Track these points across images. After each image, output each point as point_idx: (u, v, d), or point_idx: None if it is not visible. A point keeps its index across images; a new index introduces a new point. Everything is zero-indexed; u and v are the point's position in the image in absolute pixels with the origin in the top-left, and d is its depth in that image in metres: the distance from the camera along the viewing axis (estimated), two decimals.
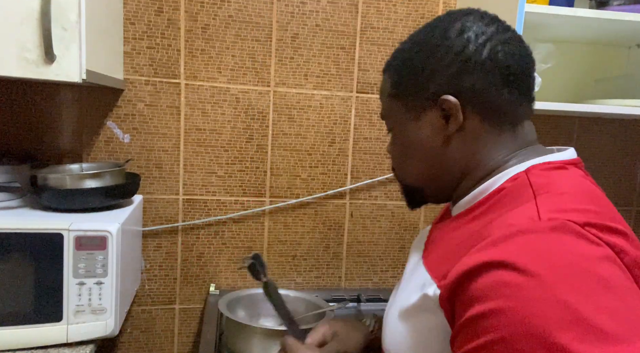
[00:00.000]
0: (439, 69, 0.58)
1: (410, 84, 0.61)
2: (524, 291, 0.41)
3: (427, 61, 0.59)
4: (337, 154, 1.34)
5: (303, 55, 1.29)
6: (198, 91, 1.24)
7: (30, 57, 0.83)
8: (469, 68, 0.56)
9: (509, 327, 0.41)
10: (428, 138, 0.61)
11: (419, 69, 0.60)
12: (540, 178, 0.53)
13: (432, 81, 0.59)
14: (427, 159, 0.62)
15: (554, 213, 0.47)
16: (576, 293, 0.40)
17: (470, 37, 0.57)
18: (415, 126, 0.62)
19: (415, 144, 0.62)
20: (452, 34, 0.58)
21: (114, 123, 1.21)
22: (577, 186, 0.52)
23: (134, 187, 1.10)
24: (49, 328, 0.89)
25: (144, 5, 1.19)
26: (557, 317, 0.40)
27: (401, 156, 0.66)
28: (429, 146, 0.61)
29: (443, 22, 0.60)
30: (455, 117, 0.57)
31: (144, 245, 1.27)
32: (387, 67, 0.66)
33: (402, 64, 0.63)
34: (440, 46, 0.58)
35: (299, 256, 1.37)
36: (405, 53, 0.62)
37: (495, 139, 0.58)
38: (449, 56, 0.57)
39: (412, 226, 1.42)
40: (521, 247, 0.44)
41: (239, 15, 1.24)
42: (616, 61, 1.36)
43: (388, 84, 0.65)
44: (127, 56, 1.20)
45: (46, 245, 0.87)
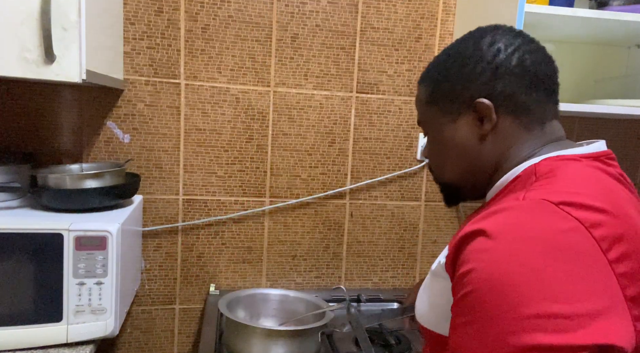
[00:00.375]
0: (473, 77, 0.65)
1: (446, 91, 0.68)
2: (491, 254, 0.50)
3: (462, 70, 0.66)
4: (337, 154, 1.34)
5: (303, 55, 1.29)
6: (198, 91, 1.24)
7: (30, 57, 0.83)
8: (500, 74, 0.63)
9: (477, 282, 0.50)
10: (464, 138, 0.67)
11: (455, 77, 0.66)
12: (545, 168, 0.59)
13: (467, 87, 0.65)
14: (463, 158, 0.68)
15: (537, 194, 0.54)
16: (535, 257, 0.48)
17: (500, 47, 0.64)
18: (452, 128, 0.68)
19: (452, 145, 0.68)
20: (483, 46, 0.65)
21: (114, 123, 1.21)
22: (575, 175, 0.57)
23: (134, 187, 1.10)
24: (49, 328, 0.89)
25: (144, 5, 1.19)
26: (516, 274, 0.47)
27: (439, 157, 0.72)
28: (465, 145, 0.67)
29: (474, 36, 0.67)
30: (489, 118, 0.64)
31: (144, 245, 1.27)
32: (423, 79, 0.73)
33: (438, 74, 0.69)
34: (473, 56, 0.65)
35: (299, 256, 1.37)
36: (441, 65, 0.69)
37: (524, 137, 0.65)
38: (482, 64, 0.64)
39: (412, 226, 1.42)
40: (498, 219, 0.53)
41: (239, 15, 1.24)
42: (616, 61, 1.36)
43: (425, 94, 0.71)
44: (127, 56, 1.20)
45: (46, 245, 0.87)
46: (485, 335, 0.48)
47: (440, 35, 1.35)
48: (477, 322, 0.49)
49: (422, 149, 0.78)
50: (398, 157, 1.38)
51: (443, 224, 1.43)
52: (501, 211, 0.54)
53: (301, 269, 1.38)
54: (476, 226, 0.54)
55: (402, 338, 1.12)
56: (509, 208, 0.54)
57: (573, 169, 0.58)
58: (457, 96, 0.66)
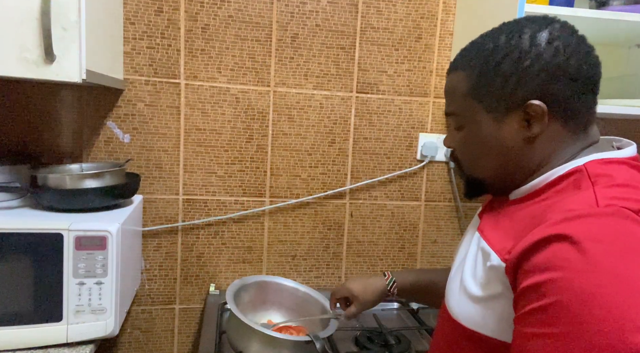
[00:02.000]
0: (528, 75, 0.61)
1: (496, 87, 0.63)
2: (580, 263, 0.48)
3: (516, 66, 0.62)
4: (337, 154, 1.34)
5: (303, 55, 1.29)
6: (198, 91, 1.24)
7: (30, 57, 0.83)
8: (558, 76, 0.61)
9: (564, 293, 0.47)
10: (507, 139, 0.64)
11: (508, 73, 0.62)
12: (598, 170, 0.59)
13: (521, 86, 0.62)
14: (503, 158, 0.65)
15: (611, 200, 0.53)
16: (626, 266, 0.47)
17: (559, 47, 0.61)
18: (495, 126, 0.65)
19: (493, 144, 0.65)
20: (541, 42, 0.61)
21: (114, 123, 1.21)
22: (631, 179, 0.58)
23: (134, 187, 1.10)
24: (49, 328, 0.89)
25: (144, 5, 1.19)
26: (611, 286, 0.46)
27: (473, 153, 0.69)
28: (507, 146, 0.64)
29: (527, 27, 0.62)
30: (540, 121, 0.62)
31: (144, 245, 1.27)
32: (462, 66, 0.67)
33: (486, 65, 0.64)
34: (529, 52, 0.61)
35: (299, 256, 1.37)
36: (488, 55, 0.64)
37: (569, 141, 0.63)
38: (539, 63, 0.61)
39: (412, 226, 1.42)
40: (579, 226, 0.50)
41: (239, 15, 1.24)
42: (616, 61, 1.36)
43: (465, 85, 0.66)
44: (127, 56, 1.20)
45: (46, 245, 0.87)
46: (577, 349, 0.46)
47: (440, 35, 1.35)
48: (566, 336, 0.47)
49: (446, 138, 0.75)
50: (398, 157, 1.38)
51: (443, 224, 1.43)
52: (577, 218, 0.51)
53: (301, 269, 1.38)
54: (555, 230, 0.51)
55: (402, 338, 1.12)
56: (585, 214, 0.52)
57: (625, 173, 0.58)
58: (508, 94, 0.63)
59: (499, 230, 0.65)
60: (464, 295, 0.64)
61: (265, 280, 1.16)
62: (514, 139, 0.64)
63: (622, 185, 0.56)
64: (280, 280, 1.17)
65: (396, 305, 1.33)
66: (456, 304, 0.65)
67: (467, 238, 0.75)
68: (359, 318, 1.23)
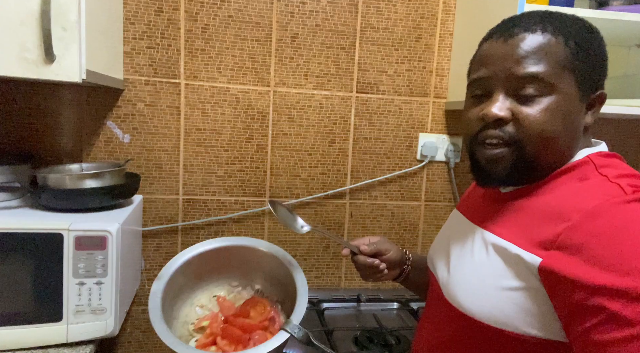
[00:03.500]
0: (603, 63, 0.64)
1: (593, 66, 0.62)
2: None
3: (599, 52, 0.63)
4: (337, 154, 1.34)
5: (303, 55, 1.29)
6: (198, 91, 1.24)
7: (30, 57, 0.83)
8: (604, 75, 0.65)
9: None
10: (580, 119, 0.63)
11: (602, 55, 0.63)
12: (601, 162, 0.62)
13: (601, 73, 0.64)
14: (569, 141, 0.63)
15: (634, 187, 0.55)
16: None
17: (603, 43, 0.65)
18: (579, 106, 0.62)
19: (571, 122, 0.62)
20: (599, 34, 0.64)
21: (113, 123, 1.21)
22: (631, 170, 0.61)
23: (134, 187, 1.10)
24: (49, 328, 0.89)
25: (144, 5, 1.19)
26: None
27: (551, 126, 0.61)
28: (578, 129, 0.64)
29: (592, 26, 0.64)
30: (597, 111, 0.64)
31: (143, 245, 1.27)
32: (556, 30, 0.62)
33: (586, 40, 0.62)
34: (601, 41, 0.64)
35: (299, 256, 1.37)
36: (586, 31, 0.63)
37: (587, 135, 0.67)
38: (605, 53, 0.64)
39: (412, 226, 1.42)
40: (622, 213, 0.52)
41: (239, 15, 1.24)
42: (616, 61, 1.36)
43: (562, 50, 0.61)
44: (127, 56, 1.20)
45: (46, 245, 0.87)
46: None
47: (440, 35, 1.35)
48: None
49: (496, 106, 0.62)
50: (398, 157, 1.38)
51: (443, 224, 1.43)
52: (615, 205, 0.53)
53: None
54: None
55: (402, 338, 1.12)
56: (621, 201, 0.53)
57: (623, 164, 0.63)
58: (598, 78, 0.63)
59: (505, 223, 0.64)
60: (478, 289, 0.62)
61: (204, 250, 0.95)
62: (581, 123, 0.64)
63: (630, 175, 0.58)
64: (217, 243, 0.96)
65: (396, 305, 1.33)
66: (468, 299, 0.64)
67: (458, 232, 0.74)
68: (359, 318, 1.23)
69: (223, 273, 0.97)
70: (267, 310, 0.91)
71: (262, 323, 0.89)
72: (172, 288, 0.88)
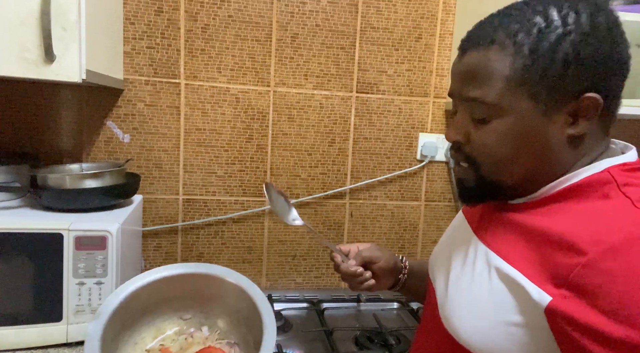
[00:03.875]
0: (589, 63, 0.51)
1: (552, 74, 0.52)
2: None
3: (577, 51, 0.51)
4: (337, 154, 1.34)
5: (303, 55, 1.29)
6: (198, 91, 1.24)
7: (30, 57, 0.83)
8: (615, 69, 0.53)
9: None
10: (552, 136, 0.54)
11: (568, 58, 0.51)
12: (624, 178, 0.53)
13: (579, 75, 0.52)
14: (539, 159, 0.55)
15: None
16: None
17: (617, 34, 0.53)
18: (541, 120, 0.53)
19: (533, 141, 0.54)
20: (601, 25, 0.51)
21: (113, 123, 1.21)
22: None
23: (134, 187, 1.10)
24: (49, 328, 0.89)
25: (144, 5, 1.19)
26: None
27: (504, 151, 0.56)
28: (549, 145, 0.54)
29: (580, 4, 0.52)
30: (590, 118, 0.53)
31: (143, 245, 1.27)
32: (502, 40, 0.53)
33: (538, 44, 0.52)
34: (590, 36, 0.51)
35: (299, 256, 1.37)
36: (541, 32, 0.52)
37: (600, 142, 0.57)
38: (602, 51, 0.51)
39: (412, 226, 1.42)
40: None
41: (239, 15, 1.24)
42: None
43: (507, 64, 0.53)
44: (127, 56, 1.20)
45: (46, 245, 0.87)
46: None
47: (440, 35, 1.35)
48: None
49: (451, 129, 0.60)
50: (398, 157, 1.38)
51: (443, 224, 1.43)
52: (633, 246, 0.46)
53: (301, 269, 1.38)
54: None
55: (402, 338, 1.12)
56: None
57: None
58: (566, 83, 0.52)
59: (512, 244, 0.57)
60: (476, 318, 0.56)
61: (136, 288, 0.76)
62: (557, 137, 0.54)
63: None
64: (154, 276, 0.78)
65: (396, 305, 1.33)
66: (462, 327, 0.58)
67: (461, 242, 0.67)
68: (359, 318, 1.24)
69: (173, 305, 0.80)
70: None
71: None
72: (113, 327, 0.72)
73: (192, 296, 0.80)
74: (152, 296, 0.78)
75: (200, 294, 0.80)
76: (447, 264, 0.68)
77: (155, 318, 0.79)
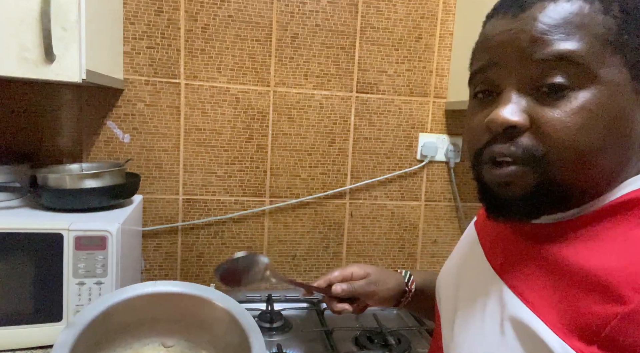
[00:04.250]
0: None
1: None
2: None
3: None
4: (337, 154, 1.34)
5: (303, 55, 1.29)
6: (198, 91, 1.24)
7: (30, 57, 0.83)
8: None
9: None
10: (631, 121, 0.42)
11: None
12: None
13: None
14: (622, 150, 0.43)
15: None
16: None
17: None
18: (628, 100, 0.41)
19: (621, 124, 0.41)
20: None
21: (113, 123, 1.21)
22: None
23: (134, 187, 1.10)
24: (49, 328, 0.89)
25: (144, 5, 1.19)
26: None
27: (590, 136, 0.41)
28: (632, 133, 0.42)
29: None
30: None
31: (143, 245, 1.27)
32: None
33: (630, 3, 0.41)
34: None
35: (299, 256, 1.37)
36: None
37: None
38: None
39: (412, 226, 1.42)
40: None
41: (239, 15, 1.24)
42: None
43: (610, 23, 0.41)
44: (127, 56, 1.20)
45: (46, 245, 0.87)
46: None
47: (440, 35, 1.35)
48: None
49: (507, 109, 0.43)
50: (398, 157, 1.38)
51: (443, 224, 1.44)
52: None
53: (301, 269, 1.38)
54: None
55: (402, 338, 1.12)
56: None
57: None
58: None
59: (533, 280, 0.45)
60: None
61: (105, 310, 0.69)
62: (637, 129, 0.42)
63: None
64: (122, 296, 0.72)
65: None
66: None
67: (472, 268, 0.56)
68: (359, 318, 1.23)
69: (157, 327, 0.73)
70: None
71: None
72: (86, 340, 0.65)
73: (178, 320, 0.74)
74: (134, 314, 0.71)
75: (189, 319, 0.73)
76: (455, 292, 0.58)
77: (134, 341, 0.72)
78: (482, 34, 0.48)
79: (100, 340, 0.68)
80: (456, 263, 0.63)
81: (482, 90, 0.47)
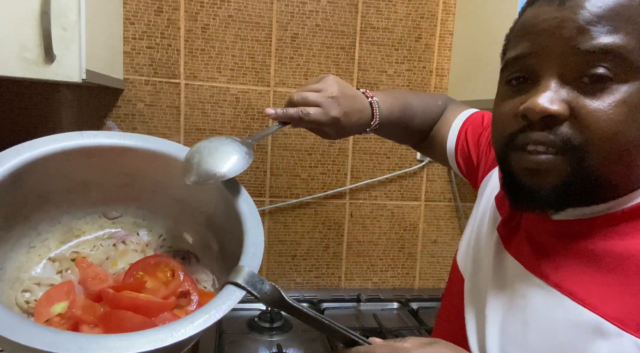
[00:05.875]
0: None
1: None
2: None
3: None
4: (337, 154, 1.34)
5: (303, 55, 1.29)
6: (198, 91, 1.25)
7: (30, 57, 0.83)
8: None
9: None
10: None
11: None
12: None
13: None
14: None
15: None
16: None
17: None
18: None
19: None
20: None
21: (113, 123, 1.21)
22: None
23: None
24: None
25: (143, 5, 1.19)
26: None
27: (631, 130, 0.41)
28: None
29: None
30: None
31: None
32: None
33: None
34: None
35: (299, 256, 1.37)
36: None
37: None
38: None
39: (412, 226, 1.42)
40: None
41: (239, 15, 1.24)
42: None
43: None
44: (127, 56, 1.20)
45: None
46: None
47: (440, 35, 1.35)
48: None
49: (546, 97, 0.41)
50: (398, 157, 1.38)
51: (443, 224, 1.44)
52: None
53: (301, 269, 1.38)
54: None
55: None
56: None
57: None
58: None
59: (579, 275, 0.44)
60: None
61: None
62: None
63: None
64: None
65: (396, 305, 1.33)
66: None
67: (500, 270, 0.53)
68: (359, 318, 1.24)
69: (91, 195, 0.53)
70: (176, 278, 0.51)
71: (168, 299, 0.49)
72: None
73: (123, 184, 0.53)
74: (57, 178, 0.51)
75: (138, 181, 0.53)
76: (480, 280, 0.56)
77: (63, 214, 0.52)
78: (521, 21, 0.47)
79: (9, 213, 0.48)
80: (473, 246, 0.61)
81: (517, 77, 0.46)
